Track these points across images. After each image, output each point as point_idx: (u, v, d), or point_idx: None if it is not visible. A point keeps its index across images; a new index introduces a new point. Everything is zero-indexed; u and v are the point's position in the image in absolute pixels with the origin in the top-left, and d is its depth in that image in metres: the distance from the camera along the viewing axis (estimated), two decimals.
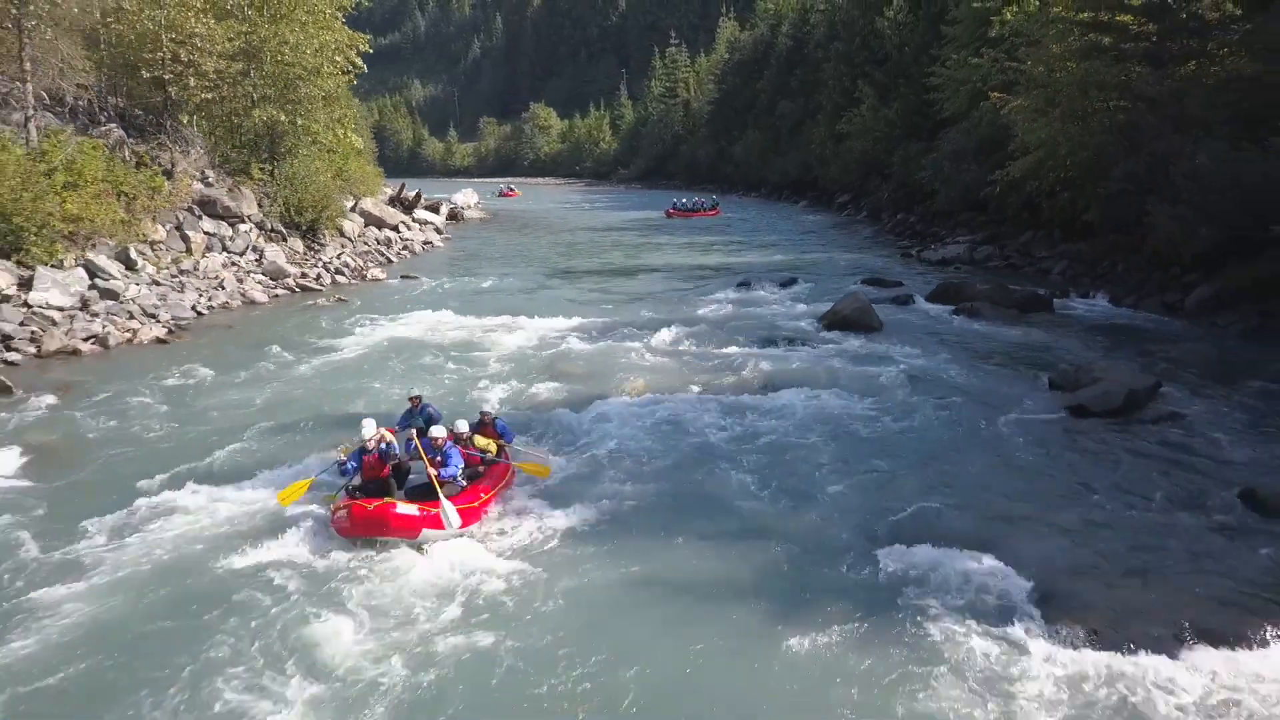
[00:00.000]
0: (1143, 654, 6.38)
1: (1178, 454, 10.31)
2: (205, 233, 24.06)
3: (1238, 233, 17.21)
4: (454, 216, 45.95)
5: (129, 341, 17.19)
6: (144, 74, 24.53)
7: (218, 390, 14.00)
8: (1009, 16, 31.03)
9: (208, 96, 26.07)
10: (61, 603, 7.25)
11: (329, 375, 14.94)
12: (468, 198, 53.96)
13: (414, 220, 37.34)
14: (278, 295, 22.55)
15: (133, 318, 18.23)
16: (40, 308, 17.32)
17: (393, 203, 38.46)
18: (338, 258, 27.26)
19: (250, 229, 25.77)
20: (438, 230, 38.17)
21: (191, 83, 24.99)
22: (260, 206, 26.89)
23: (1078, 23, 24.44)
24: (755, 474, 10.08)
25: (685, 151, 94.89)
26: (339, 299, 22.13)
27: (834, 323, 17.37)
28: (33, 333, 16.34)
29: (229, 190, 26.27)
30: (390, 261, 29.42)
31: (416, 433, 9.47)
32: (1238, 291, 17.15)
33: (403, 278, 25.90)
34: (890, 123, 44.01)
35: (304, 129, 29.30)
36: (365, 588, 7.53)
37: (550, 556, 8.15)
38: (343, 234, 29.91)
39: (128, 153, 24.22)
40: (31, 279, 17.87)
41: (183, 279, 21.67)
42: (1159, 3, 22.86)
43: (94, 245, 20.42)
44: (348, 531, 8.20)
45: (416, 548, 8.14)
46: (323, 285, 24.11)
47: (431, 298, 22.33)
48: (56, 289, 18.07)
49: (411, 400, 10.19)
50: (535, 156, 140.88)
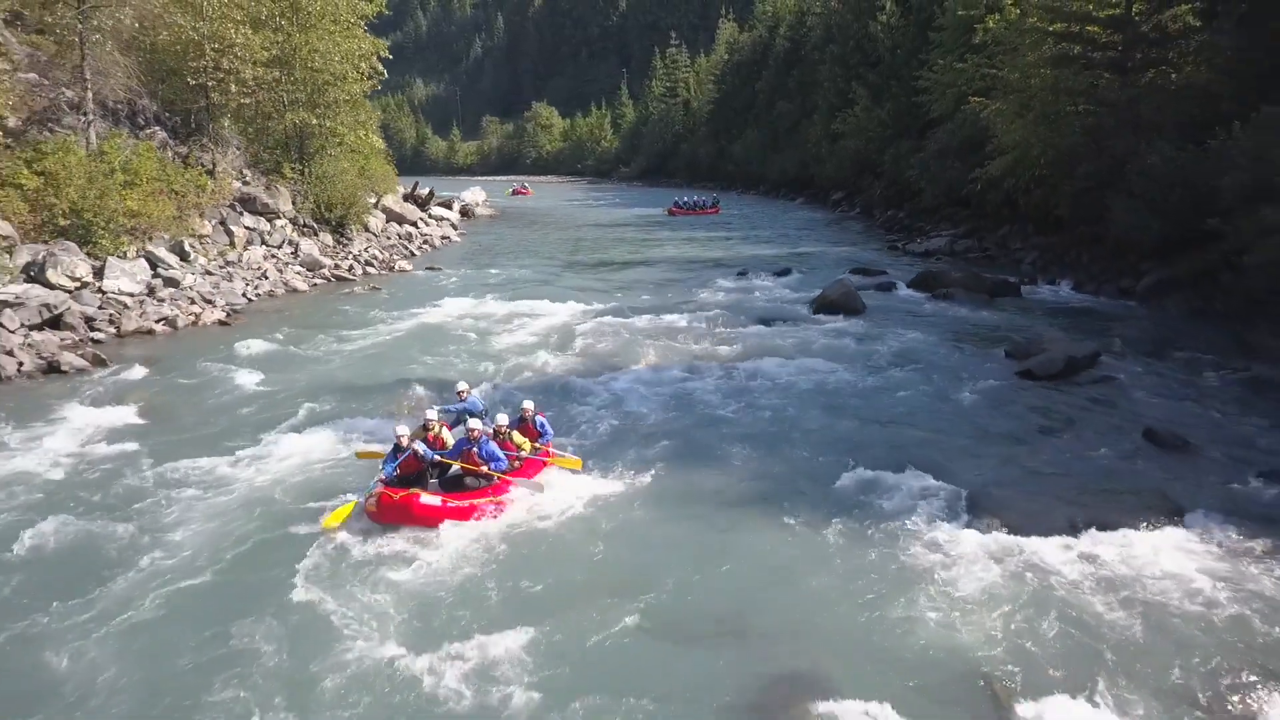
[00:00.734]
0: (1044, 539, 8.43)
1: (1101, 406, 12.41)
2: (246, 227, 26.13)
3: (1184, 226, 19.25)
4: (465, 213, 48.07)
5: (194, 323, 19.26)
6: (189, 81, 26.52)
7: (280, 364, 16.02)
8: (991, 24, 33.02)
9: (245, 101, 28.12)
10: (165, 529, 8.86)
11: (375, 352, 16.99)
12: (476, 195, 55.99)
13: (430, 217, 39.43)
14: (316, 284, 24.63)
15: (194, 303, 20.30)
16: (113, 294, 19.41)
17: (407, 200, 40.53)
18: (365, 250, 29.34)
19: (285, 224, 27.85)
20: (453, 226, 40.26)
21: (232, 89, 27.02)
22: (293, 203, 28.96)
23: (1051, 33, 26.50)
24: (751, 425, 12.15)
25: (686, 150, 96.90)
26: (372, 287, 24.22)
27: (822, 306, 19.45)
28: (111, 315, 18.41)
29: (266, 188, 28.34)
30: (413, 254, 31.54)
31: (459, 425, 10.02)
32: (1183, 278, 19.22)
33: (427, 269, 28.01)
34: (882, 123, 46.06)
35: (331, 131, 31.37)
36: (435, 548, 8.51)
37: (587, 490, 9.89)
38: (368, 229, 31.99)
39: (171, 154, 26.29)
40: (103, 269, 19.95)
41: (230, 269, 23.74)
42: (1123, 16, 24.92)
43: (151, 238, 22.49)
44: (376, 518, 8.70)
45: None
46: (355, 275, 26.20)
47: (456, 287, 24.39)
48: (125, 277, 20.16)
49: (459, 393, 10.88)
50: (537, 155, 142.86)
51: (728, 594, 7.71)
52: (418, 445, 9.22)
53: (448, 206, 44.61)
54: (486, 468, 9.22)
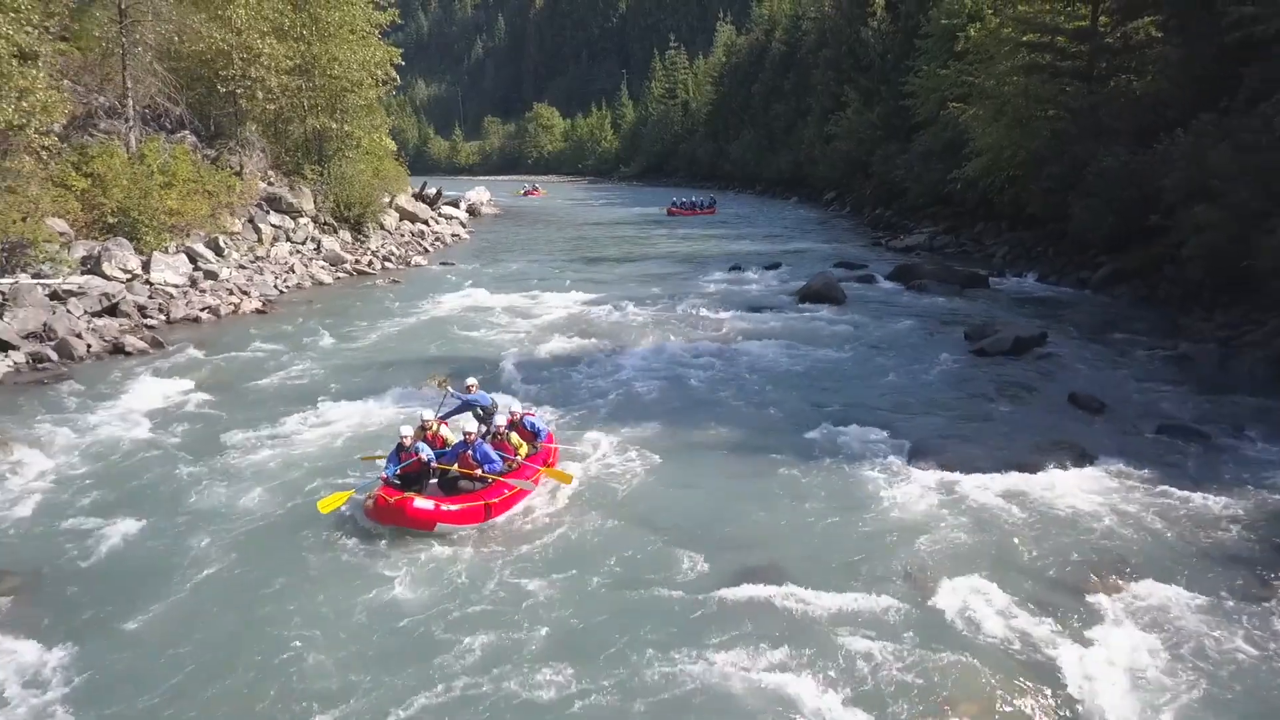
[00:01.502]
0: (971, 475, 10.31)
1: (1039, 377, 14.35)
2: (273, 225, 28.05)
3: (1134, 223, 21.17)
4: (472, 212, 50.01)
5: (234, 312, 21.17)
6: (220, 89, 28.42)
7: (317, 346, 17.91)
8: (972, 33, 34.92)
9: (271, 107, 30.01)
10: (222, 486, 10.33)
11: (401, 336, 18.89)
12: (482, 195, 57.87)
13: (440, 215, 41.36)
14: (339, 278, 26.55)
15: (232, 293, 22.19)
16: (160, 285, 21.32)
17: (418, 199, 42.44)
18: (382, 247, 31.28)
19: (308, 222, 29.77)
20: (462, 224, 42.19)
21: (259, 95, 28.92)
22: (314, 203, 30.86)
23: (1023, 43, 28.48)
24: (736, 395, 14.05)
25: (685, 150, 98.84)
26: (392, 281, 26.15)
27: (806, 296, 21.36)
28: (160, 304, 20.30)
29: (290, 188, 30.24)
30: (427, 251, 33.46)
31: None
32: (1132, 269, 21.15)
33: (441, 264, 29.95)
34: (872, 125, 47.94)
35: (348, 134, 33.27)
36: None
37: (574, 447, 11.85)
38: (383, 227, 33.91)
39: (200, 156, 28.18)
40: (149, 262, 21.86)
41: (260, 264, 25.65)
42: (1089, 28, 26.86)
43: (189, 235, 24.40)
44: (373, 518, 8.84)
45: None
46: (374, 270, 28.12)
47: (469, 280, 26.29)
48: (170, 270, 22.07)
49: (468, 386, 11.06)
50: (539, 155, 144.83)
51: (713, 520, 9.54)
52: (421, 448, 9.35)
53: (455, 206, 46.56)
54: (481, 470, 9.29)
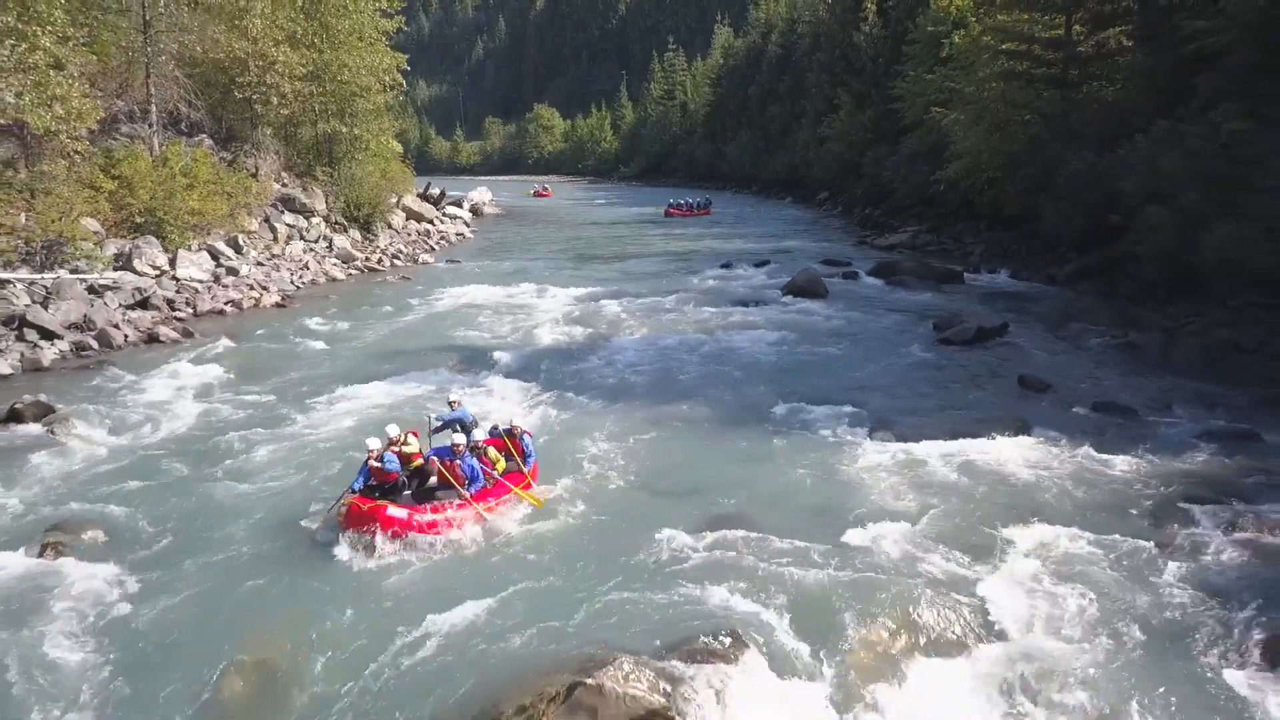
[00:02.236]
0: (923, 443, 11.72)
1: (995, 362, 15.79)
2: (287, 224, 29.48)
3: (1098, 222, 22.60)
4: (475, 212, 51.45)
5: (255, 305, 22.60)
6: (236, 94, 29.85)
7: (335, 336, 19.34)
8: (957, 40, 36.36)
9: (284, 112, 31.43)
10: (249, 461, 12.02)
11: (413, 328, 20.33)
12: (484, 195, 59.32)
13: (444, 215, 42.80)
14: (351, 274, 27.99)
15: (252, 288, 23.63)
16: (186, 280, 22.77)
17: (423, 200, 43.87)
18: (391, 245, 32.73)
19: (320, 221, 31.21)
20: (465, 224, 43.64)
21: (274, 101, 30.34)
22: (326, 203, 32.30)
23: (1001, 50, 29.90)
24: (720, 376, 15.50)
25: (683, 151, 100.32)
26: (402, 277, 27.59)
27: (791, 290, 22.80)
28: (187, 298, 21.75)
29: (302, 189, 31.68)
30: (433, 249, 34.91)
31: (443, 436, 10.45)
32: (1096, 266, 22.58)
33: (448, 262, 31.40)
34: (864, 127, 49.38)
35: (357, 137, 34.69)
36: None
37: (577, 422, 13.33)
38: (391, 226, 35.37)
39: (217, 159, 29.59)
40: (175, 259, 23.29)
41: (276, 261, 27.09)
42: (1063, 38, 28.29)
43: (210, 234, 25.83)
44: (346, 525, 8.84)
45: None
46: (384, 267, 29.59)
47: (475, 276, 27.74)
48: (194, 267, 23.50)
49: (451, 403, 11.02)
50: (539, 155, 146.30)
51: (692, 479, 10.96)
52: (389, 459, 9.40)
53: (459, 206, 47.99)
54: (464, 483, 9.38)
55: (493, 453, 10.07)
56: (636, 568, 8.51)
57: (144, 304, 20.47)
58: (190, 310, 21.24)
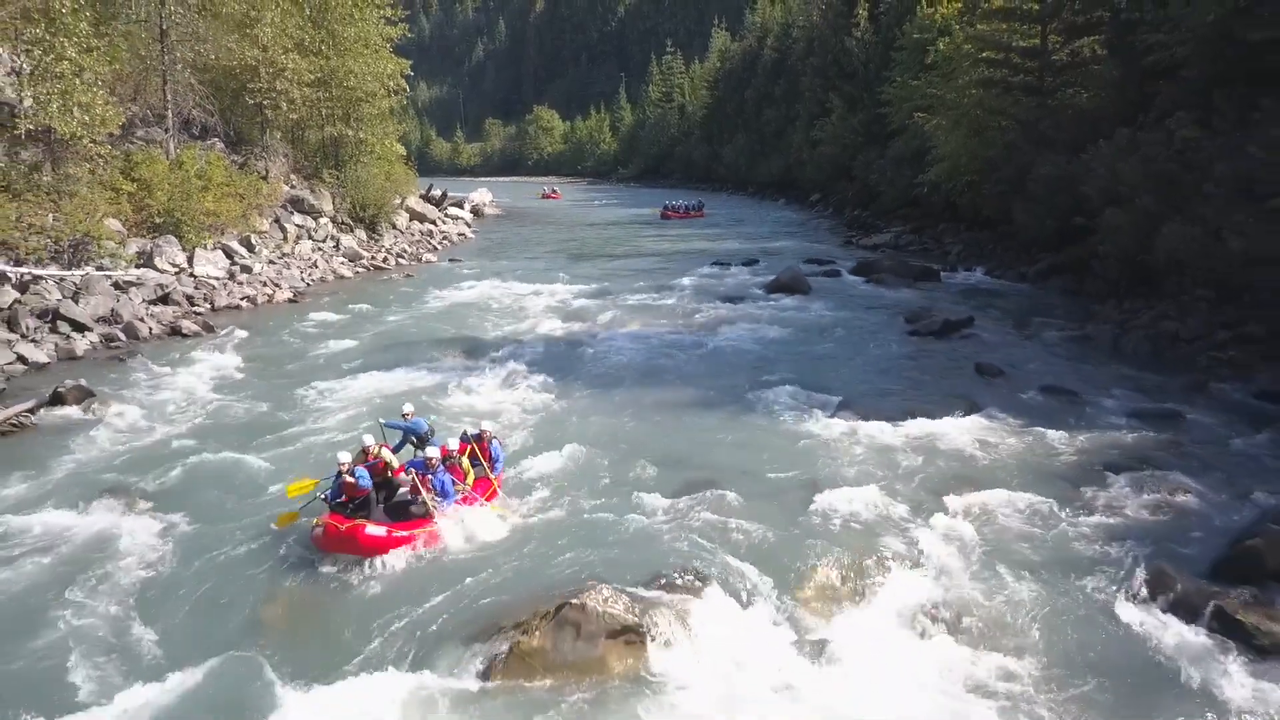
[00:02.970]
0: (881, 421, 12.97)
1: (957, 351, 17.10)
2: (296, 225, 30.80)
3: (1066, 224, 23.90)
4: (476, 213, 52.78)
5: (269, 301, 23.91)
6: (247, 100, 31.17)
7: (346, 329, 20.62)
8: (942, 46, 37.67)
9: (293, 117, 32.76)
10: (273, 435, 13.56)
11: (418, 321, 21.63)
12: (484, 196, 60.66)
13: (446, 216, 44.13)
14: (358, 272, 29.32)
15: (266, 285, 24.93)
16: (203, 277, 24.08)
17: (425, 201, 45.21)
18: (395, 245, 34.06)
19: (327, 222, 32.53)
20: (466, 224, 44.99)
21: (283, 106, 31.66)
22: (332, 204, 33.62)
23: (981, 59, 31.22)
24: (704, 364, 16.83)
25: (681, 153, 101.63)
26: (406, 275, 28.91)
27: (775, 287, 24.12)
28: (205, 294, 23.05)
29: (311, 191, 33.00)
30: (436, 248, 36.23)
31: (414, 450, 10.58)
32: (1064, 265, 23.89)
33: (450, 261, 32.74)
34: (855, 131, 50.67)
35: (362, 141, 36.02)
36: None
37: (572, 404, 14.67)
38: (395, 226, 36.69)
39: (228, 162, 30.90)
40: (192, 258, 24.60)
41: (287, 260, 28.39)
42: (1039, 47, 29.62)
43: (224, 233, 27.14)
44: (323, 547, 8.80)
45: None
46: (389, 266, 30.89)
47: (476, 275, 29.04)
48: (210, 265, 24.82)
49: (405, 414, 11.01)
50: (539, 157, 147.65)
51: (671, 450, 12.26)
52: (361, 474, 9.40)
53: (460, 207, 49.33)
54: (433, 497, 9.35)
55: (465, 464, 10.09)
56: (617, 521, 9.80)
57: (165, 299, 21.77)
58: (208, 305, 22.54)
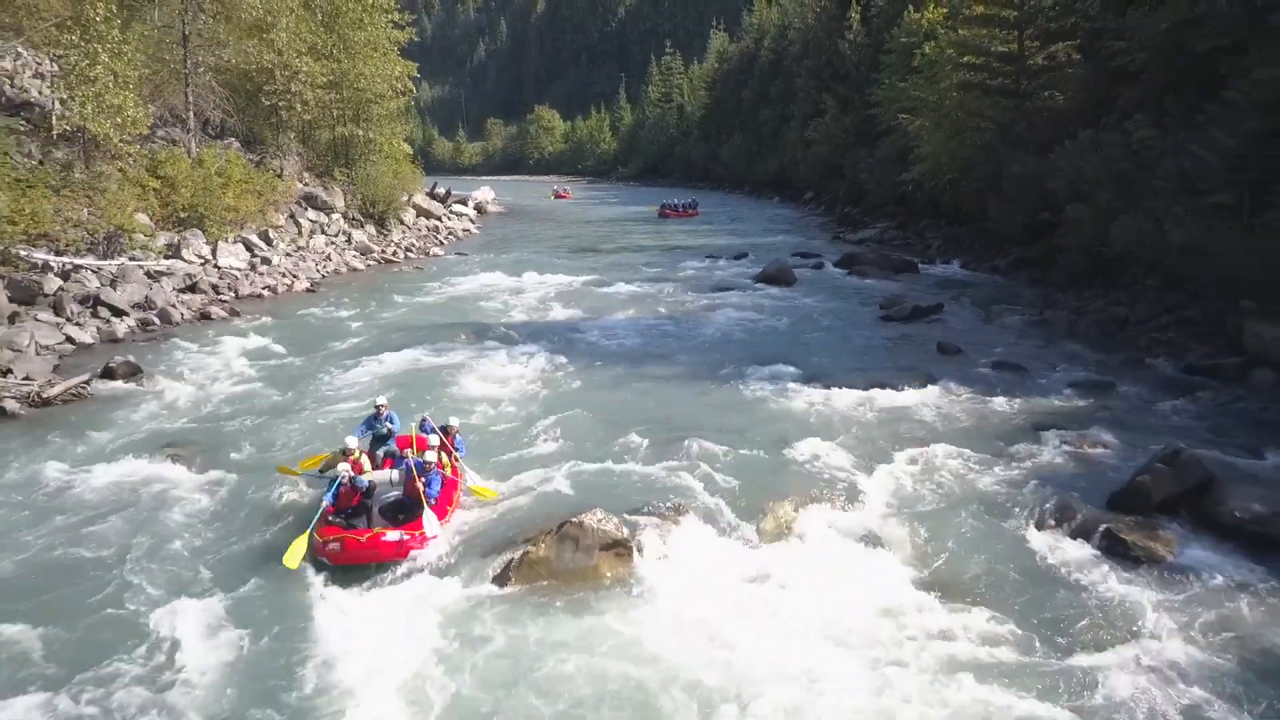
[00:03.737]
0: (847, 391, 14.59)
1: (923, 334, 18.73)
2: (310, 220, 32.40)
3: (1035, 219, 25.50)
4: (479, 210, 54.43)
5: (288, 290, 25.52)
6: (264, 101, 32.78)
7: (362, 315, 22.24)
8: (927, 50, 39.26)
9: (307, 118, 34.37)
10: (299, 411, 15.35)
11: (429, 308, 23.25)
12: (487, 194, 62.28)
13: (451, 212, 45.77)
14: (370, 265, 30.95)
15: (284, 276, 26.55)
16: (227, 268, 25.70)
17: (431, 198, 46.85)
18: (404, 239, 35.70)
19: (339, 218, 34.15)
20: (471, 220, 46.64)
21: (297, 107, 33.27)
22: (344, 200, 35.24)
23: (962, 63, 32.82)
24: (692, 347, 18.43)
25: (680, 152, 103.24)
26: (416, 267, 30.54)
27: (763, 278, 25.74)
28: (229, 283, 24.66)
29: (323, 188, 34.62)
30: (442, 243, 37.88)
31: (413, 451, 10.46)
32: (1032, 258, 25.50)
33: (456, 254, 34.39)
34: (846, 131, 52.31)
35: (371, 140, 37.62)
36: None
37: (574, 378, 16.29)
38: (403, 222, 38.31)
39: (245, 160, 32.51)
40: (215, 250, 26.21)
41: (302, 253, 30.00)
42: (1015, 53, 31.20)
43: (243, 227, 28.75)
44: (342, 560, 8.88)
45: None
46: (399, 259, 32.51)
47: (482, 266, 30.68)
48: (232, 256, 26.44)
49: (378, 407, 11.11)
50: (540, 156, 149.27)
51: (658, 416, 13.87)
52: (360, 480, 9.65)
53: (464, 204, 50.98)
54: (427, 496, 9.49)
55: (442, 457, 10.20)
56: (611, 466, 11.43)
57: (193, 288, 23.37)
58: (233, 294, 24.14)
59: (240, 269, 26.02)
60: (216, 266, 25.61)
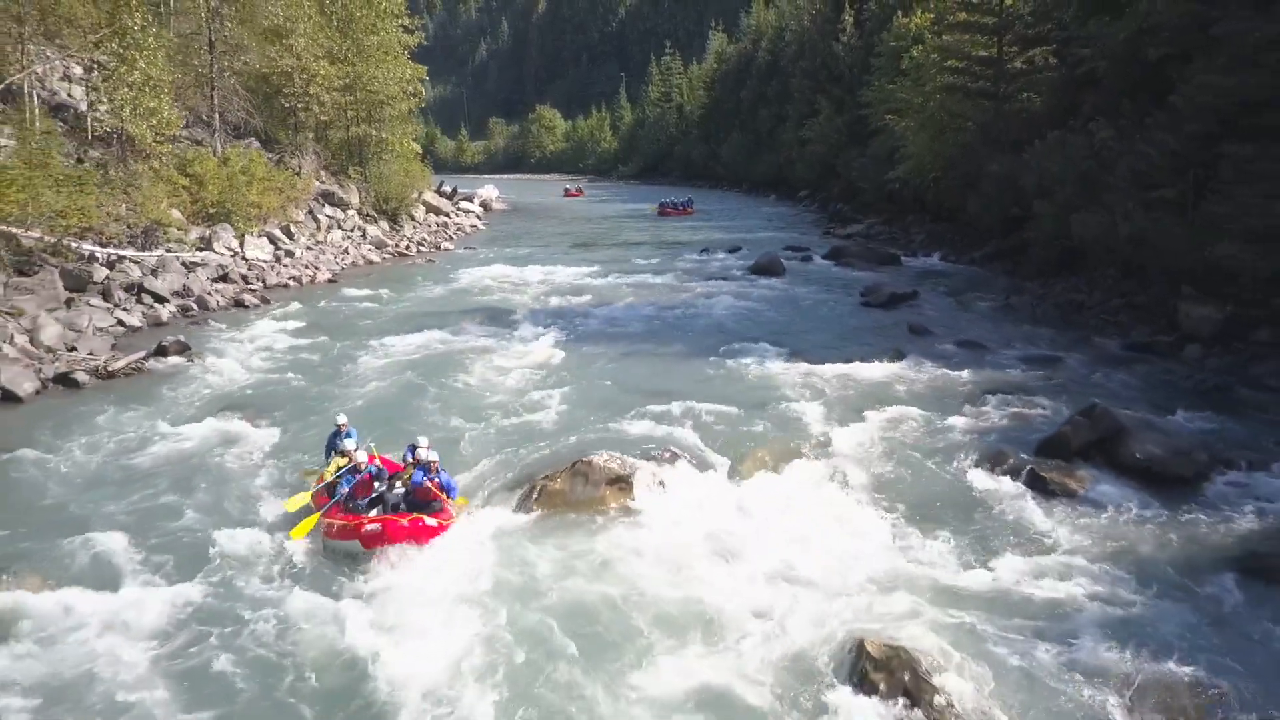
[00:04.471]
0: (822, 364, 16.42)
1: (896, 317, 20.57)
2: (327, 216, 34.25)
3: (1009, 214, 27.32)
4: (484, 207, 56.28)
5: (311, 281, 27.37)
6: (283, 103, 34.61)
7: (383, 302, 24.07)
8: (915, 53, 41.02)
9: (323, 119, 36.21)
10: (331, 384, 17.24)
11: (443, 296, 25.08)
12: (491, 192, 64.12)
13: (459, 209, 47.62)
14: (385, 258, 32.80)
15: (307, 268, 28.38)
16: (254, 260, 27.53)
17: (440, 196, 48.72)
18: (415, 234, 37.57)
19: (354, 214, 35.99)
20: (478, 217, 48.50)
21: (315, 109, 35.10)
22: (359, 198, 37.08)
23: (945, 67, 34.62)
24: (686, 330, 20.25)
25: (679, 152, 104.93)
26: (428, 260, 32.39)
27: (754, 270, 27.56)
28: (257, 274, 26.49)
29: (339, 186, 36.46)
30: (452, 238, 39.75)
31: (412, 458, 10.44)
32: (1006, 250, 27.32)
33: (465, 248, 36.24)
34: (840, 130, 54.07)
35: (383, 140, 39.47)
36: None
37: (580, 355, 18.12)
38: (414, 218, 40.16)
39: (266, 159, 34.32)
40: (242, 243, 28.04)
41: (320, 247, 31.84)
42: (995, 57, 33.01)
43: (266, 222, 30.57)
44: (380, 543, 9.32)
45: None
46: (412, 253, 34.36)
47: (490, 259, 32.54)
48: (258, 250, 28.27)
49: (339, 425, 11.33)
50: (541, 155, 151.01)
51: (650, 385, 15.65)
52: (378, 470, 10.30)
53: (470, 201, 52.84)
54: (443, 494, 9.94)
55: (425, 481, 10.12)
56: (615, 424, 13.26)
57: (225, 278, 25.20)
58: (261, 284, 25.97)
59: (266, 261, 27.85)
60: (244, 259, 27.43)
